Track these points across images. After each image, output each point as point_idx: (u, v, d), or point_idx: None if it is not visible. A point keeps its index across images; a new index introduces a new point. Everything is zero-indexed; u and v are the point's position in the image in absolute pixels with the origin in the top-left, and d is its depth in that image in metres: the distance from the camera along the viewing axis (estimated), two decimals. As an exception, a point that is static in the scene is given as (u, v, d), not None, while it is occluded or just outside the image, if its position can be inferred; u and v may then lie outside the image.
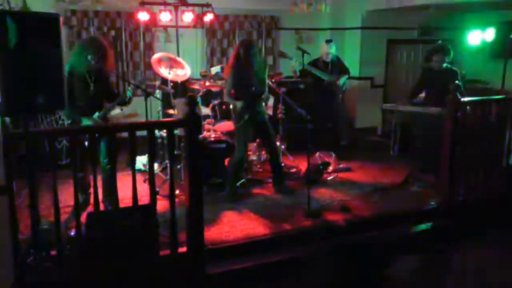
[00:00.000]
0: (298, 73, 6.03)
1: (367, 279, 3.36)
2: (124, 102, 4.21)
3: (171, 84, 5.41)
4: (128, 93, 4.19)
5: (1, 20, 2.30)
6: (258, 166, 5.56)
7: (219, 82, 5.47)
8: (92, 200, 3.17)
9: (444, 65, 5.14)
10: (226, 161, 4.82)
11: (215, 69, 6.52)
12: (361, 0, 7.54)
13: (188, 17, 6.36)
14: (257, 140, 5.53)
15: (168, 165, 3.72)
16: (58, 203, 2.91)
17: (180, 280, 3.27)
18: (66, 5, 6.44)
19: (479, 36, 7.53)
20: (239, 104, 4.46)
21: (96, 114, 4.04)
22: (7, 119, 2.83)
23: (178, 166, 4.88)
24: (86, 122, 3.97)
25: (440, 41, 5.58)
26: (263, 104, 4.80)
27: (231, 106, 4.78)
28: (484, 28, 7.47)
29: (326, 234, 3.89)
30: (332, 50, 6.12)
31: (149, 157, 3.24)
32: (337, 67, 6.19)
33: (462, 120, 4.27)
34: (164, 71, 5.19)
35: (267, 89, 4.75)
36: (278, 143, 5.44)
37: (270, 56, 7.72)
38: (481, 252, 4.09)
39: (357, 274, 3.34)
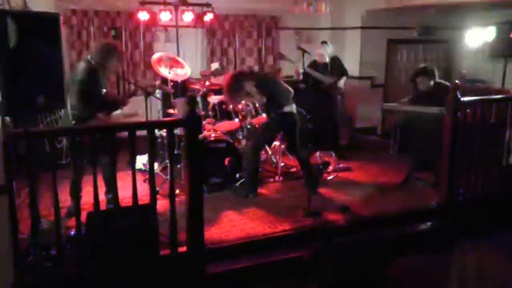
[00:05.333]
0: (302, 76, 6.01)
1: (367, 279, 3.35)
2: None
3: (171, 83, 5.42)
4: None
5: (1, 20, 2.30)
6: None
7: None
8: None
9: (432, 83, 4.95)
10: (226, 161, 4.82)
11: (214, 66, 6.51)
12: (361, 0, 7.54)
13: (188, 17, 6.36)
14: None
15: (168, 165, 3.72)
16: (58, 203, 2.91)
17: (180, 280, 3.27)
18: (66, 5, 6.44)
19: (479, 36, 7.53)
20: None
21: None
22: (7, 119, 2.83)
23: (178, 166, 4.88)
24: None
25: (423, 65, 5.41)
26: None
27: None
28: (484, 28, 7.47)
29: (326, 234, 3.89)
30: (326, 51, 6.06)
31: (149, 157, 3.24)
32: (335, 68, 6.16)
33: (462, 120, 4.27)
34: (164, 71, 5.19)
35: None
36: (278, 143, 5.45)
37: (270, 56, 7.72)
38: (481, 252, 4.10)
39: (357, 274, 3.33)
